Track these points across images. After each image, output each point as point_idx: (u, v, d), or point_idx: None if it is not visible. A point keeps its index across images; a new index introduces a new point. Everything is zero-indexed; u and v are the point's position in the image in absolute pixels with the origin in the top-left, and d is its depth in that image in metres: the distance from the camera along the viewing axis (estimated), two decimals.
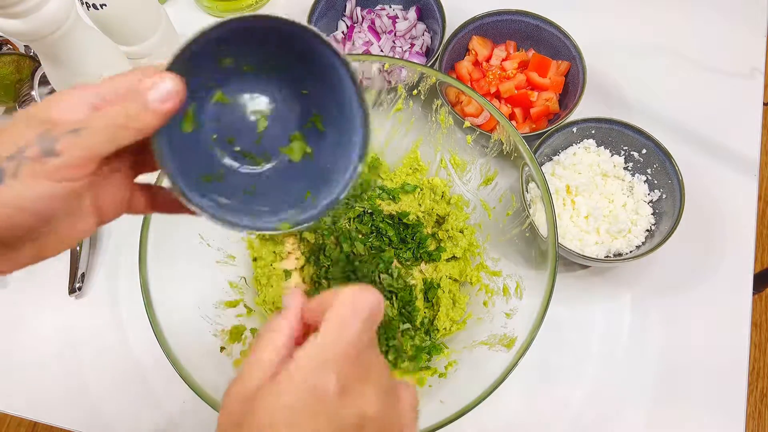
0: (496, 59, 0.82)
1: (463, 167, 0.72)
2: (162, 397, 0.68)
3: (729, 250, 0.73)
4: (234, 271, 0.70)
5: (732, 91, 0.83)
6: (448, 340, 0.68)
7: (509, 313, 0.61)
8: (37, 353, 0.71)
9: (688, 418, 0.66)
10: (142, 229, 0.57)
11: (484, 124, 0.71)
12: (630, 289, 0.72)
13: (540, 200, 0.63)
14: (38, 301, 0.74)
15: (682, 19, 0.89)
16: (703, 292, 0.71)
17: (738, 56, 0.86)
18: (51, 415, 0.68)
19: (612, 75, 0.85)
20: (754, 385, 1.49)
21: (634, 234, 0.69)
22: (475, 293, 0.69)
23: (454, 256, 0.71)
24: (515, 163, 0.64)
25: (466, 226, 0.72)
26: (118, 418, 0.68)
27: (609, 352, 0.69)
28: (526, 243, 0.64)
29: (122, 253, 0.76)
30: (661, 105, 0.83)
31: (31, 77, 0.80)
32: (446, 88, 0.70)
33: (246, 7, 0.92)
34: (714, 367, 0.68)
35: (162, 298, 0.56)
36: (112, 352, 0.71)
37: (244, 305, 0.68)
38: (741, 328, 0.69)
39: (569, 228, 0.70)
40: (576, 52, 0.78)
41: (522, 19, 0.81)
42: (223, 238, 0.69)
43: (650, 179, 0.72)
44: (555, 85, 0.78)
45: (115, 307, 0.73)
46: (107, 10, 0.71)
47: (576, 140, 0.75)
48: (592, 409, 0.67)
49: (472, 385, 0.54)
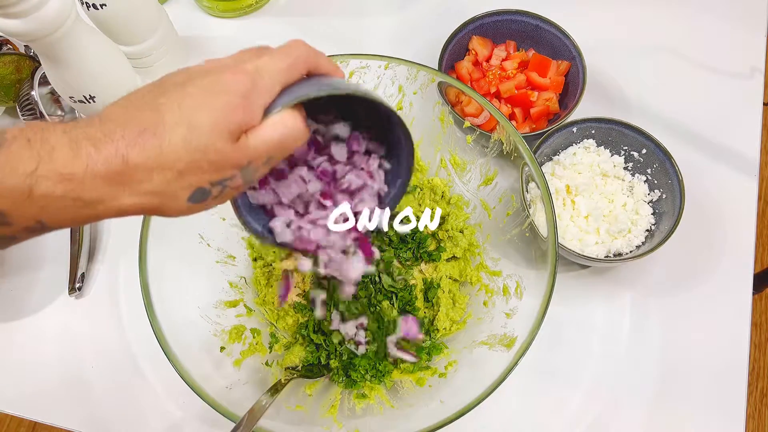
0: (496, 59, 0.82)
1: (463, 167, 0.72)
2: (162, 397, 0.68)
3: (729, 250, 0.73)
4: (234, 271, 0.70)
5: (732, 91, 0.83)
6: (448, 340, 0.68)
7: (509, 313, 0.61)
8: (37, 353, 0.71)
9: (688, 418, 0.66)
10: (142, 229, 0.57)
11: (484, 124, 0.71)
12: (630, 289, 0.72)
13: (540, 200, 0.63)
14: (38, 301, 0.74)
15: (682, 19, 0.89)
16: (703, 292, 0.71)
17: (738, 56, 0.86)
18: (51, 415, 0.68)
19: (612, 75, 0.85)
20: (754, 385, 1.49)
21: (634, 234, 0.69)
22: (475, 293, 0.69)
23: (454, 256, 0.71)
24: (515, 163, 0.64)
25: (466, 226, 0.72)
26: (118, 418, 0.68)
27: (609, 352, 0.69)
28: (526, 243, 0.64)
29: (122, 253, 0.76)
30: (661, 105, 0.83)
31: (31, 77, 0.80)
32: (446, 88, 0.70)
33: (246, 7, 0.92)
34: (714, 367, 0.68)
35: (162, 298, 0.56)
36: (112, 352, 0.71)
37: (244, 305, 0.68)
38: (741, 328, 0.69)
39: (569, 228, 0.70)
40: (576, 52, 0.78)
41: (522, 19, 0.81)
42: (223, 238, 0.69)
43: (650, 179, 0.72)
44: (555, 85, 0.78)
45: (115, 307, 0.73)
46: (107, 10, 0.71)
47: (576, 140, 0.75)
48: (591, 409, 0.67)
49: (472, 385, 0.54)
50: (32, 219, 0.32)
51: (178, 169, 0.33)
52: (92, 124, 0.33)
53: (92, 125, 0.33)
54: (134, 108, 0.34)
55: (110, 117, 0.33)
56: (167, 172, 0.33)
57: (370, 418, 0.61)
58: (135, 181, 0.33)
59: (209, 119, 0.33)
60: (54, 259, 0.76)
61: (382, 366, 0.64)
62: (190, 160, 0.33)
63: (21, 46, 0.85)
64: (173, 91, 0.34)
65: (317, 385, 0.65)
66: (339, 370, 0.65)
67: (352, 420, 0.61)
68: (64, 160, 0.31)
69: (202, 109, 0.33)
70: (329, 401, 0.63)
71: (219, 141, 0.34)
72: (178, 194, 0.35)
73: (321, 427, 0.59)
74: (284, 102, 0.36)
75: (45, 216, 0.32)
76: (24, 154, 0.31)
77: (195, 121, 0.33)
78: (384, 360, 0.66)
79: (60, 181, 0.31)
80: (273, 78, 0.36)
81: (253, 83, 0.35)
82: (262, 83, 0.35)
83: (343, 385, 0.65)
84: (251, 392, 0.60)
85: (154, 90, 0.35)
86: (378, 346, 0.66)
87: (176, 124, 0.33)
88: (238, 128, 0.34)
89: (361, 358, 0.65)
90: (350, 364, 0.65)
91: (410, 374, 0.65)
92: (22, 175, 0.30)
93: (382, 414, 0.61)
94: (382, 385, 0.65)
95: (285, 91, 0.37)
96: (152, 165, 0.33)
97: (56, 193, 0.31)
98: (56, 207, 0.32)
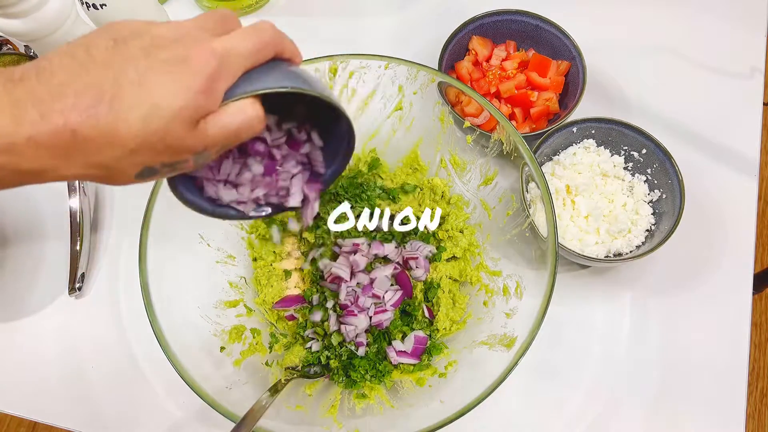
0: (496, 59, 0.82)
1: (463, 167, 0.72)
2: (162, 397, 0.68)
3: (729, 250, 0.73)
4: (234, 271, 0.70)
5: (732, 91, 0.83)
6: (448, 340, 0.68)
7: (509, 313, 0.61)
8: (37, 353, 0.71)
9: (688, 417, 0.66)
10: (142, 229, 0.57)
11: (484, 124, 0.71)
12: (630, 289, 0.72)
13: (540, 200, 0.63)
14: (38, 301, 0.74)
15: (682, 19, 0.89)
16: (703, 292, 0.71)
17: (738, 56, 0.86)
18: (51, 415, 0.68)
19: (612, 75, 0.85)
20: (754, 385, 1.49)
21: (634, 234, 0.69)
22: (475, 293, 0.69)
23: (454, 256, 0.71)
24: (515, 163, 0.64)
25: (466, 226, 0.72)
26: (118, 418, 0.68)
27: (609, 352, 0.69)
28: (526, 243, 0.64)
29: (122, 253, 0.76)
30: (661, 105, 0.83)
31: None
32: (446, 88, 0.70)
33: (246, 7, 0.92)
34: (714, 367, 0.68)
35: (162, 298, 0.56)
36: (112, 352, 0.71)
37: (244, 305, 0.68)
38: (741, 328, 0.69)
39: (569, 228, 0.70)
40: (576, 52, 0.78)
41: (522, 19, 0.81)
42: (223, 238, 0.69)
43: (650, 179, 0.72)
44: (555, 85, 0.78)
45: (115, 307, 0.73)
46: (107, 10, 0.71)
47: (576, 140, 0.75)
48: (591, 409, 0.67)
49: (472, 385, 0.54)
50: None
51: (131, 147, 0.31)
52: (40, 79, 0.30)
53: (40, 80, 0.30)
54: (87, 65, 0.31)
55: (58, 70, 0.30)
56: (119, 149, 0.31)
57: (370, 418, 0.61)
58: (82, 154, 0.31)
59: (172, 103, 0.31)
60: (54, 259, 0.76)
61: (382, 366, 0.64)
62: (145, 141, 0.31)
63: (21, 46, 0.85)
64: (135, 59, 0.31)
65: (317, 385, 0.65)
66: (339, 370, 0.65)
67: (352, 420, 0.61)
68: (4, 127, 0.29)
69: (165, 89, 0.31)
70: (329, 401, 0.63)
71: (179, 126, 0.32)
72: (126, 170, 0.33)
73: (321, 427, 0.59)
74: (247, 90, 0.35)
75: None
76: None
77: (157, 102, 0.31)
78: (384, 360, 0.66)
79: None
80: (239, 62, 0.34)
81: (219, 66, 0.33)
82: (228, 68, 0.34)
83: (343, 385, 0.65)
84: (251, 392, 0.60)
85: (110, 45, 0.32)
86: (378, 347, 0.66)
87: (136, 102, 0.31)
88: (199, 114, 0.33)
89: (361, 358, 0.65)
90: (350, 364, 0.65)
91: (410, 374, 0.65)
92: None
93: (382, 414, 0.61)
94: (382, 385, 0.65)
95: (246, 76, 0.36)
96: (103, 141, 0.30)
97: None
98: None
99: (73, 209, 0.73)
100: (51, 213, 0.78)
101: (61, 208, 0.77)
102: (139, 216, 0.58)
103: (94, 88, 0.30)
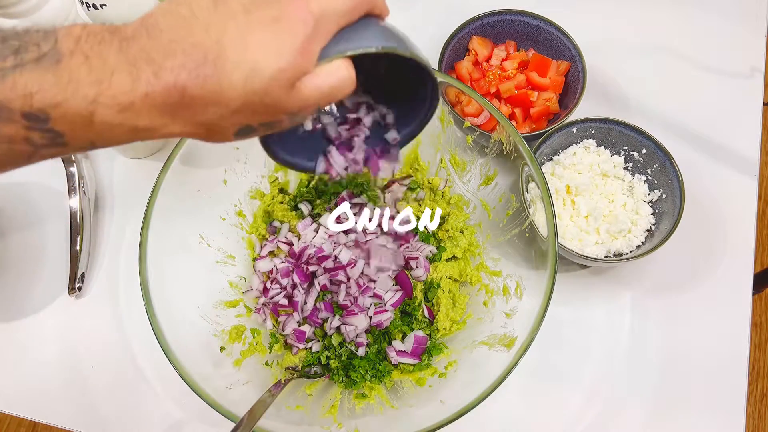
0: (496, 59, 0.82)
1: (463, 167, 0.72)
2: (162, 397, 0.68)
3: (729, 250, 0.73)
4: (234, 271, 0.70)
5: (732, 91, 0.83)
6: (448, 340, 0.68)
7: (509, 313, 0.61)
8: (37, 353, 0.71)
9: (688, 417, 0.66)
10: (142, 229, 0.57)
11: (484, 124, 0.71)
12: (630, 289, 0.72)
13: (540, 200, 0.63)
14: (38, 301, 0.74)
15: (682, 19, 0.89)
16: (703, 292, 0.71)
17: (738, 56, 0.86)
18: (51, 415, 0.68)
19: (612, 75, 0.85)
20: (754, 385, 1.49)
21: (634, 234, 0.69)
22: (475, 293, 0.69)
23: (454, 256, 0.71)
24: (515, 163, 0.64)
25: (466, 226, 0.72)
26: (118, 418, 0.68)
27: (609, 352, 0.69)
28: (526, 243, 0.64)
29: (122, 253, 0.76)
30: (661, 105, 0.83)
31: None
32: (446, 88, 0.70)
33: None
34: (714, 367, 0.68)
35: (162, 298, 0.56)
36: (112, 352, 0.71)
37: (244, 305, 0.68)
38: (741, 328, 0.69)
39: (569, 228, 0.70)
40: (576, 52, 0.78)
41: (522, 19, 0.81)
42: (223, 238, 0.69)
43: (650, 179, 0.72)
44: (555, 85, 0.78)
45: (115, 307, 0.73)
46: (107, 10, 0.70)
47: (576, 140, 0.75)
48: (591, 409, 0.67)
49: (472, 385, 0.54)
50: (86, 141, 0.32)
51: (233, 107, 0.33)
52: (151, 36, 0.31)
53: (151, 38, 0.31)
54: (191, 24, 0.32)
55: (166, 29, 0.32)
56: (222, 108, 0.33)
57: (370, 418, 0.61)
58: (189, 112, 0.33)
59: (273, 65, 0.32)
60: (54, 259, 0.76)
61: (382, 366, 0.64)
62: (246, 101, 0.33)
63: None
64: (235, 16, 0.32)
65: (317, 385, 0.65)
66: (339, 370, 0.65)
67: (352, 420, 0.61)
68: (123, 86, 0.31)
69: (266, 51, 0.32)
70: (329, 401, 0.63)
71: (277, 87, 0.33)
72: (227, 128, 0.35)
73: (321, 427, 0.59)
74: (340, 50, 0.35)
75: (98, 139, 0.33)
76: (84, 76, 0.30)
77: (258, 63, 0.32)
78: (384, 360, 0.66)
79: (119, 111, 0.31)
80: (334, 21, 0.34)
81: (316, 27, 0.33)
82: (324, 27, 0.34)
83: (343, 385, 0.65)
84: (251, 392, 0.60)
85: (210, 4, 0.32)
86: (378, 347, 0.66)
87: (239, 62, 0.32)
88: (296, 76, 0.33)
89: (361, 359, 0.65)
90: (350, 364, 0.65)
91: (410, 374, 0.65)
92: (84, 101, 0.30)
93: (382, 414, 0.61)
94: (382, 385, 0.65)
95: (339, 34, 0.35)
96: (209, 100, 0.32)
97: (114, 122, 0.31)
98: (111, 133, 0.32)
99: (73, 209, 0.73)
100: (51, 213, 0.78)
101: (61, 208, 0.77)
102: (139, 216, 0.58)
103: (199, 47, 0.31)
